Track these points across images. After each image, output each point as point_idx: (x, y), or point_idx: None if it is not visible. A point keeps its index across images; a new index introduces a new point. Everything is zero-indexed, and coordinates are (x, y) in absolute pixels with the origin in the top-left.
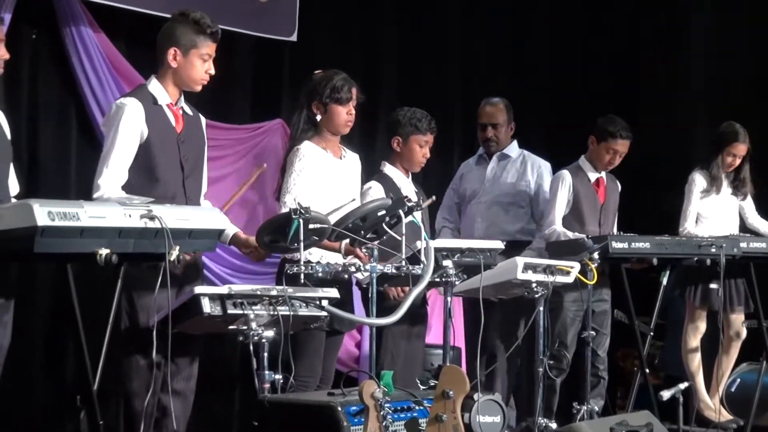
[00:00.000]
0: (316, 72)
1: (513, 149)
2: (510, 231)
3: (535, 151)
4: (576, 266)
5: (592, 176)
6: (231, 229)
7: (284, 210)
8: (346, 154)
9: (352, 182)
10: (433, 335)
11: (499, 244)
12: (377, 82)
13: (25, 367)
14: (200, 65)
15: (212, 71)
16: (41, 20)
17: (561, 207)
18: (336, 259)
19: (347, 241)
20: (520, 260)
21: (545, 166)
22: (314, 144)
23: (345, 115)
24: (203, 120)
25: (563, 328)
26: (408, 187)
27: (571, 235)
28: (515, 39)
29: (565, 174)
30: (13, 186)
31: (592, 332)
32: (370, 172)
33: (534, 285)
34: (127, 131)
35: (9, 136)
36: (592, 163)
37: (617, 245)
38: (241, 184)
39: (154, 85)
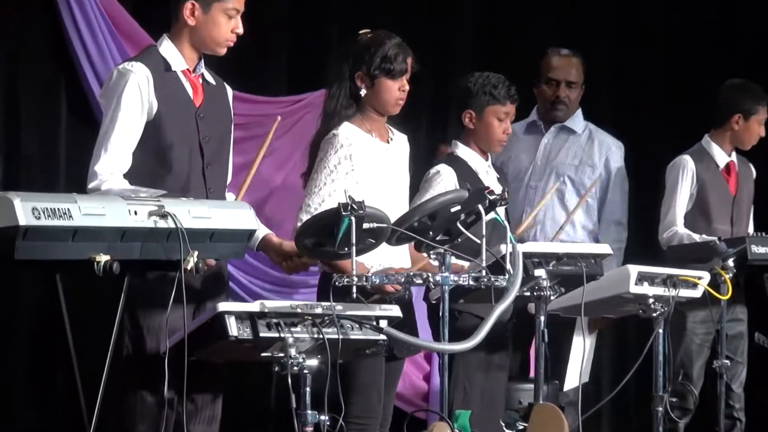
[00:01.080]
0: (363, 32)
1: (578, 121)
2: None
3: (603, 126)
4: (705, 277)
5: (721, 161)
6: (261, 231)
7: (305, 215)
8: (393, 136)
9: (401, 171)
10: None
11: (606, 249)
12: (448, 43)
13: (3, 396)
14: (225, 23)
15: (240, 30)
16: None
17: (683, 202)
18: (398, 266)
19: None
20: (633, 269)
21: (617, 146)
22: (356, 126)
23: (396, 91)
24: (230, 91)
25: (688, 356)
26: (488, 174)
27: (697, 237)
28: None
29: (687, 160)
30: None
31: (726, 361)
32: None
33: (651, 301)
34: (132, 104)
35: None
36: (720, 145)
37: (758, 249)
38: (257, 153)
39: (166, 47)
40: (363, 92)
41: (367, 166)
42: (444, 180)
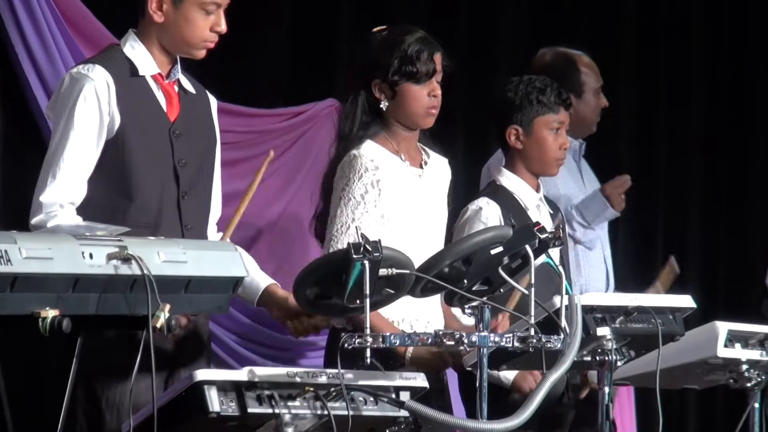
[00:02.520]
0: (377, 29)
1: None
2: None
3: None
4: None
5: None
6: (261, 280)
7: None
8: (428, 159)
9: (439, 204)
10: None
11: (687, 301)
12: (489, 43)
13: None
14: (201, 19)
15: (222, 28)
16: None
17: None
18: (426, 325)
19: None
20: (722, 327)
21: None
22: (379, 145)
23: (425, 98)
24: (213, 102)
25: None
26: (539, 208)
27: None
28: None
29: None
30: None
31: None
32: (474, 184)
33: (745, 367)
34: (88, 118)
35: None
36: None
37: None
38: (247, 188)
39: (132, 47)
40: (384, 104)
41: (394, 196)
42: (488, 219)
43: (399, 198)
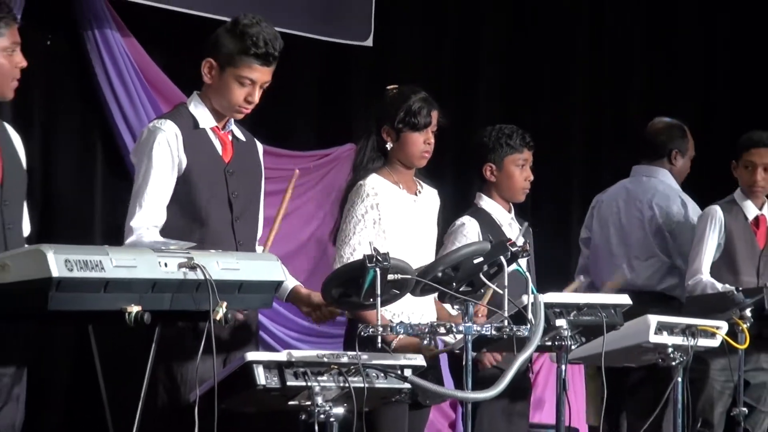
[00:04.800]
0: (390, 88)
1: None
2: None
3: None
4: (723, 326)
5: (751, 213)
6: (290, 282)
7: (338, 266)
8: (422, 189)
9: (429, 225)
10: (546, 413)
11: (625, 299)
12: (472, 97)
13: None
14: (237, 89)
15: (254, 99)
16: (57, 21)
17: (710, 251)
18: (420, 317)
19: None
20: (653, 319)
21: None
22: (383, 177)
23: (422, 144)
24: (260, 147)
25: (708, 403)
26: (510, 225)
27: (720, 287)
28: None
29: (716, 210)
30: (25, 226)
31: (744, 409)
32: (467, 206)
33: (670, 350)
34: (163, 161)
35: (25, 166)
36: (750, 197)
37: None
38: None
39: (196, 105)
40: (389, 145)
41: (394, 216)
42: (468, 232)
43: (398, 218)
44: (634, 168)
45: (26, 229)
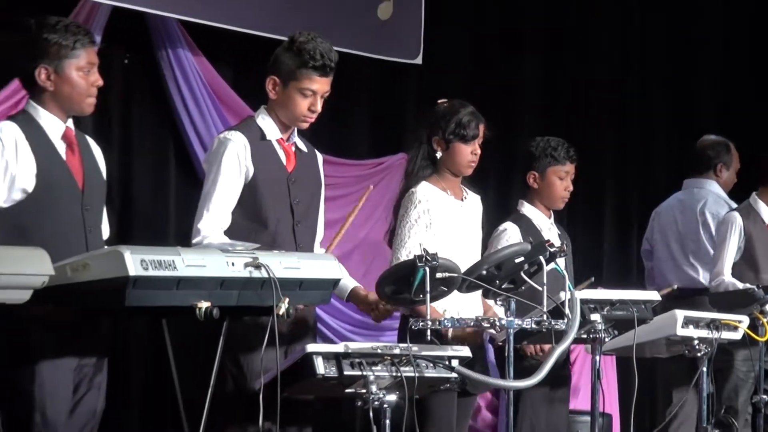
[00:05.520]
0: (441, 101)
1: None
2: None
3: None
4: (744, 320)
5: (767, 217)
6: (349, 283)
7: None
8: (467, 196)
9: (474, 227)
10: (581, 400)
11: (655, 296)
12: (516, 111)
13: None
14: (300, 100)
15: (317, 108)
16: (134, 42)
17: (731, 254)
18: (467, 312)
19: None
20: (680, 314)
21: None
22: (432, 185)
23: (469, 154)
24: (320, 157)
25: (733, 391)
26: (549, 229)
27: (741, 285)
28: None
29: (736, 216)
30: (104, 229)
31: (765, 397)
32: (508, 213)
33: (696, 342)
34: (231, 169)
35: (105, 175)
36: (766, 202)
37: None
38: (348, 214)
39: (263, 118)
40: (439, 155)
41: (443, 220)
42: (510, 237)
43: (446, 222)
44: (685, 182)
45: (105, 232)
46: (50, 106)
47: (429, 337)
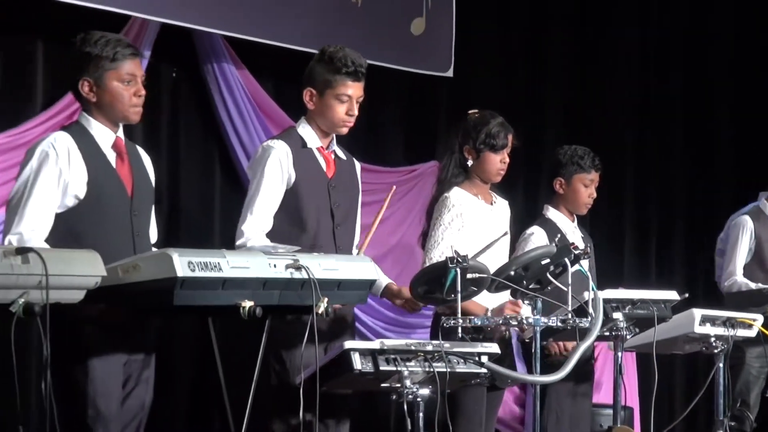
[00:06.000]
0: (471, 112)
1: None
2: None
3: None
4: (759, 318)
5: None
6: (383, 280)
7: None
8: (496, 201)
9: (503, 227)
10: (604, 394)
11: (674, 295)
12: (540, 121)
13: (168, 426)
14: (338, 106)
15: (354, 112)
16: (181, 57)
17: (742, 256)
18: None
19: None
20: (698, 312)
21: None
22: (464, 190)
23: (498, 163)
24: (358, 165)
25: (745, 386)
26: (573, 233)
27: (753, 285)
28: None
29: (746, 219)
30: (152, 233)
31: None
32: (534, 217)
33: (713, 339)
34: (274, 175)
35: (153, 182)
36: None
37: None
38: (375, 215)
39: (303, 128)
40: (470, 163)
41: (474, 223)
42: (536, 240)
43: (476, 225)
44: (760, 194)
45: (153, 236)
46: (99, 117)
47: (460, 335)
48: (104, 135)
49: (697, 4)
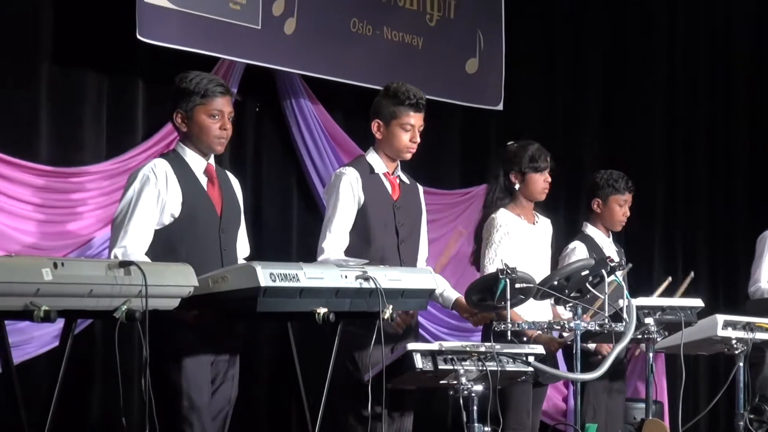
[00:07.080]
0: (510, 143)
1: None
2: None
3: None
4: None
5: None
6: (452, 294)
7: None
8: (538, 220)
9: (545, 246)
10: (636, 390)
11: (699, 302)
12: (579, 148)
13: (251, 418)
14: (402, 135)
15: (417, 139)
16: (264, 93)
17: (766, 265)
18: (541, 317)
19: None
20: (720, 318)
21: None
22: (509, 211)
23: (542, 182)
24: (421, 189)
25: (765, 382)
26: (610, 247)
27: None
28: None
29: None
30: (244, 248)
31: None
32: (575, 232)
33: (734, 342)
34: (346, 198)
35: (242, 203)
36: None
37: None
38: (445, 250)
39: (371, 156)
40: (517, 186)
41: (519, 240)
42: (577, 253)
43: (521, 241)
44: None
45: (245, 250)
46: (191, 146)
47: (509, 338)
48: (197, 161)
49: (719, 32)
